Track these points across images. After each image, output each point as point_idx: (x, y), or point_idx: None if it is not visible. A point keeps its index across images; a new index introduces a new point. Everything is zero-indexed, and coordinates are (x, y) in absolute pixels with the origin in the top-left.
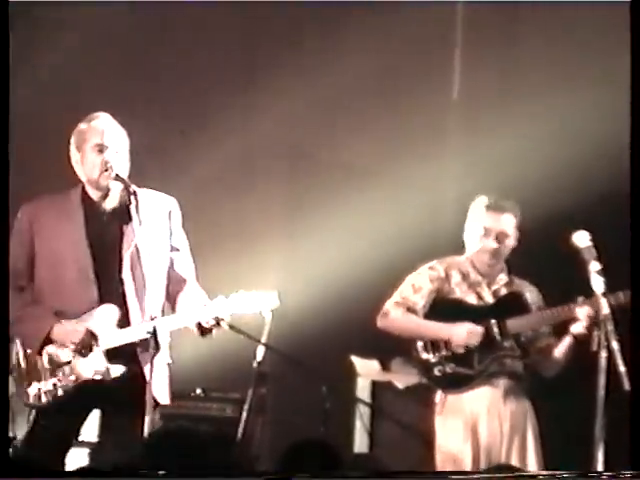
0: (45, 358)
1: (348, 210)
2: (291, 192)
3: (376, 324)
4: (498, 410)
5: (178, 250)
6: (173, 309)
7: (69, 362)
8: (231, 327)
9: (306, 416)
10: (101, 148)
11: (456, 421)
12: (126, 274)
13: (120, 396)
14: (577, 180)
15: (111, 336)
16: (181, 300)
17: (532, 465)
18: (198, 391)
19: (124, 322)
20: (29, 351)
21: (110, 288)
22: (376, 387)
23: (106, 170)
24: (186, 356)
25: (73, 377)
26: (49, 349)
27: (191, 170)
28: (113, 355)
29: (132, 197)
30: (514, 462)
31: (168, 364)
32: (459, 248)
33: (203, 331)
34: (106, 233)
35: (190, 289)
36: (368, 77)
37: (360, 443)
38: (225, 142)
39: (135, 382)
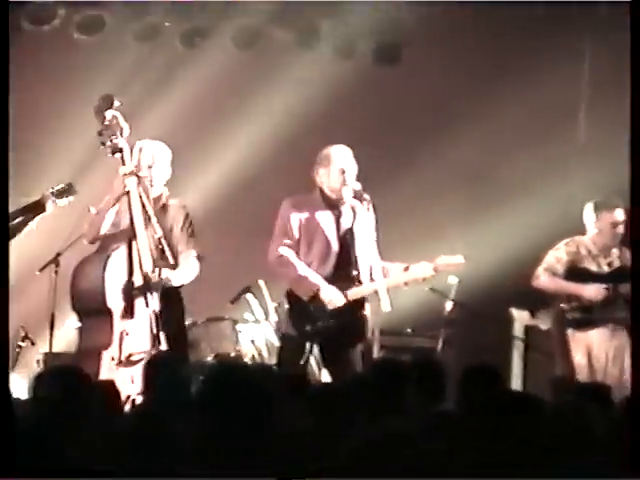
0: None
1: (512, 211)
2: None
3: (531, 284)
4: (606, 344)
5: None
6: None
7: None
8: (431, 289)
9: (479, 349)
10: (344, 171)
11: (579, 348)
12: (357, 252)
13: (343, 333)
14: None
15: (352, 293)
16: (385, 270)
17: (626, 381)
18: (408, 330)
19: (351, 284)
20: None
21: (343, 261)
22: (528, 329)
23: (344, 185)
24: (399, 306)
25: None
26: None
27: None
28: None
29: (363, 202)
30: (611, 378)
31: (387, 312)
32: (583, 231)
33: (406, 283)
34: (341, 223)
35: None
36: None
37: (516, 368)
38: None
39: (350, 325)
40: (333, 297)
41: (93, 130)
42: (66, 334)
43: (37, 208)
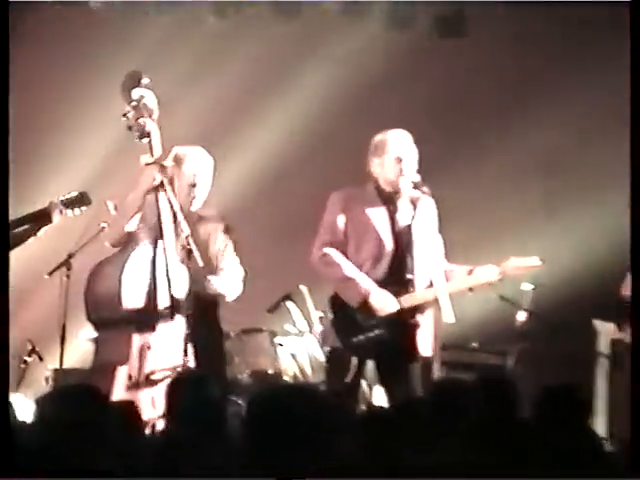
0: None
1: (597, 206)
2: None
3: (618, 292)
4: None
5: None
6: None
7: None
8: (500, 297)
9: (558, 366)
10: (400, 159)
11: None
12: (415, 253)
13: (397, 348)
14: None
15: (407, 299)
16: (447, 273)
17: None
18: (474, 344)
19: (407, 290)
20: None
21: (398, 262)
22: (614, 344)
23: (401, 175)
24: (463, 316)
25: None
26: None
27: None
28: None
29: (422, 195)
30: None
31: (448, 323)
32: None
33: (471, 289)
34: (397, 220)
35: (445, 263)
36: None
37: (601, 388)
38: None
39: (405, 337)
40: (385, 303)
41: (109, 122)
42: (79, 348)
43: (42, 218)
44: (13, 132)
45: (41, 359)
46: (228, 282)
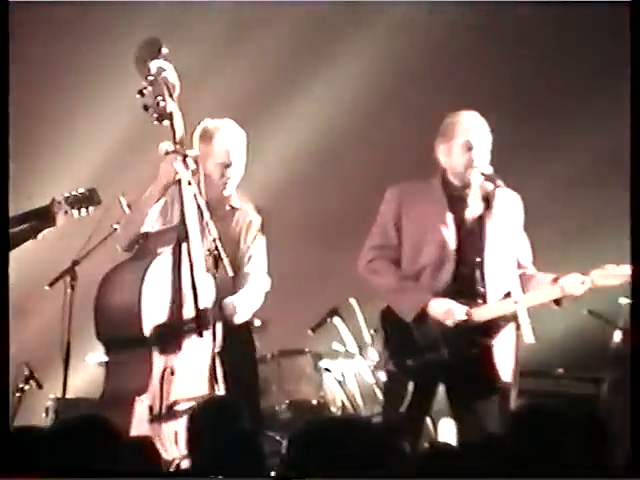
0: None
1: None
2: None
3: None
4: None
5: (522, 241)
6: (523, 290)
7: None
8: (590, 312)
9: None
10: (469, 146)
11: None
12: (486, 257)
13: (466, 373)
14: None
15: (478, 313)
16: (526, 281)
17: None
18: (559, 370)
19: (476, 302)
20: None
21: (465, 269)
22: None
23: (471, 167)
24: (546, 336)
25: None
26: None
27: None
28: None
29: (496, 190)
30: None
31: (528, 343)
32: None
33: (557, 302)
34: (466, 219)
35: (531, 273)
36: None
37: None
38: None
39: (482, 359)
40: (449, 314)
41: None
42: (86, 373)
43: (43, 218)
44: (14, 122)
45: (40, 386)
46: (247, 300)
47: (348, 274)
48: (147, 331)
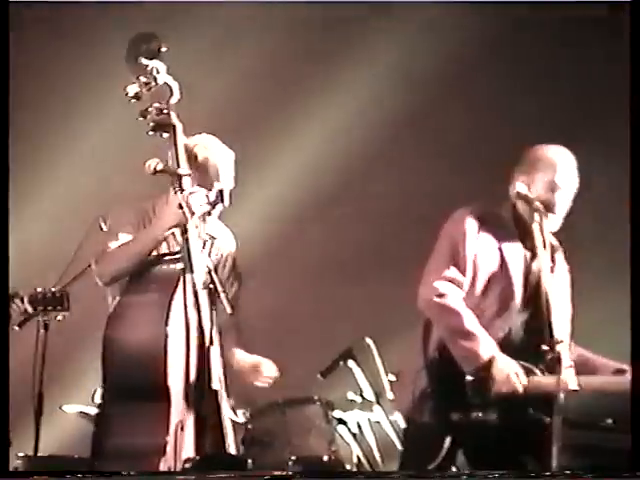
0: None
1: None
2: None
3: None
4: None
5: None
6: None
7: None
8: None
9: None
10: (555, 188)
11: None
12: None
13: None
14: None
15: (536, 385)
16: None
17: None
18: (608, 421)
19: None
20: None
21: (533, 323)
22: None
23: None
24: (592, 381)
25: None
26: None
27: None
28: None
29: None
30: None
31: (575, 390)
32: None
33: None
34: (534, 263)
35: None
36: None
37: None
38: None
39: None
40: (511, 379)
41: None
42: (62, 426)
43: None
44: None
45: (8, 443)
46: None
47: (363, 311)
48: (171, 380)
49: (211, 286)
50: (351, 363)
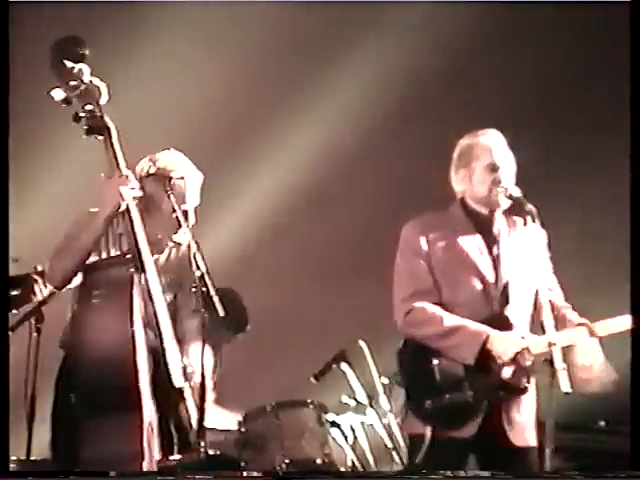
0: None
1: None
2: None
3: None
4: None
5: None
6: (543, 330)
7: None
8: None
9: None
10: (495, 168)
11: None
12: (511, 282)
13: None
14: None
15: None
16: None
17: None
18: (601, 423)
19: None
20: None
21: (500, 304)
22: None
23: (497, 188)
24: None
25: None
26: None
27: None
28: None
29: (526, 216)
30: None
31: (564, 392)
32: None
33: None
34: (495, 244)
35: (559, 310)
36: None
37: None
38: None
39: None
40: (509, 346)
41: None
42: None
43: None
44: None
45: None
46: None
47: (356, 313)
48: (142, 382)
49: (203, 289)
50: (344, 366)
